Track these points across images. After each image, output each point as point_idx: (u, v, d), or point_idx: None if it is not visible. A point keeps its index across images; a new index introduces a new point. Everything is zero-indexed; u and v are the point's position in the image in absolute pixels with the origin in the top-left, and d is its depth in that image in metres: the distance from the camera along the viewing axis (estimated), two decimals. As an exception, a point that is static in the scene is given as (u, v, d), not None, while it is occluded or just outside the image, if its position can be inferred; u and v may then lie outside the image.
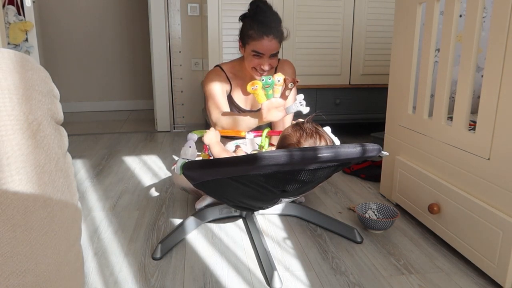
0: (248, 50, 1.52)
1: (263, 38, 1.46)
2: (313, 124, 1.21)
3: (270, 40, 1.47)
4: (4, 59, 0.50)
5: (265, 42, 1.47)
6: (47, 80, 0.56)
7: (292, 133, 1.19)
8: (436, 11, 1.31)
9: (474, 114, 1.49)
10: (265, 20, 1.47)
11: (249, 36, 1.49)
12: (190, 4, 2.85)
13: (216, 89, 1.61)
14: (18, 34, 2.64)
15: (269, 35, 1.46)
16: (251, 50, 1.51)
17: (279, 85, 1.34)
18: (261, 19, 1.47)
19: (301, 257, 1.22)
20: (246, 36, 1.51)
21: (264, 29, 1.46)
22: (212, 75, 1.64)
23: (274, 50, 1.50)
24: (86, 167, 2.12)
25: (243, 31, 1.53)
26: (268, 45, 1.48)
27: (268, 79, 1.31)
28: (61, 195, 0.54)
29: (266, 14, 1.48)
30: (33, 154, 0.50)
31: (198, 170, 1.06)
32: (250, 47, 1.51)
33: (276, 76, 1.33)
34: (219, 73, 1.65)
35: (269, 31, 1.46)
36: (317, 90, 2.55)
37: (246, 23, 1.51)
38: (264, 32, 1.46)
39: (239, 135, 1.48)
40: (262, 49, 1.48)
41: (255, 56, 1.51)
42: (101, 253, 1.24)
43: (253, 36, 1.48)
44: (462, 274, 1.13)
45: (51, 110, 0.55)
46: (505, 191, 1.02)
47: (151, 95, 3.52)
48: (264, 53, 1.49)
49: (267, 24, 1.46)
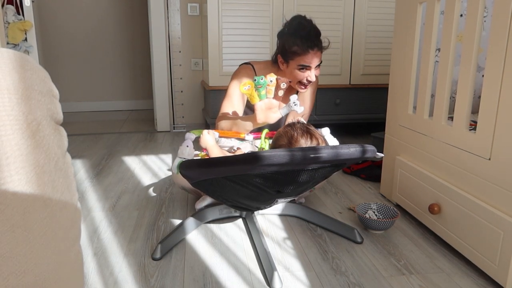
0: (292, 65, 1.55)
1: (308, 52, 1.51)
2: (304, 124, 1.21)
3: (315, 52, 1.52)
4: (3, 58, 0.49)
5: (310, 56, 1.52)
6: (47, 80, 0.56)
7: (283, 134, 1.19)
8: (436, 11, 1.31)
9: (475, 114, 1.49)
10: (308, 35, 1.51)
11: (293, 52, 1.52)
12: (190, 4, 2.84)
13: (236, 91, 1.61)
14: (17, 34, 2.64)
15: (313, 48, 1.51)
16: (296, 65, 1.54)
17: (272, 86, 1.34)
18: (303, 35, 1.51)
19: (301, 257, 1.22)
20: (289, 53, 1.54)
21: (308, 43, 1.50)
22: (242, 72, 1.65)
23: (319, 61, 1.55)
24: (86, 167, 2.11)
25: (284, 47, 1.55)
26: (313, 58, 1.52)
27: (260, 79, 1.31)
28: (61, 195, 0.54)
29: (307, 29, 1.52)
30: (32, 154, 0.49)
31: (195, 169, 1.06)
32: (295, 62, 1.54)
33: (268, 77, 1.33)
34: (249, 72, 1.66)
35: (313, 45, 1.50)
36: (317, 90, 2.55)
37: (288, 40, 1.53)
38: (309, 46, 1.50)
39: (239, 136, 1.49)
40: (309, 62, 1.53)
41: (302, 69, 1.55)
42: (101, 253, 1.23)
43: (298, 52, 1.51)
44: (463, 275, 1.13)
45: (51, 110, 0.55)
46: (506, 191, 1.02)
47: (151, 95, 3.52)
48: (311, 65, 1.54)
49: (310, 38, 1.50)
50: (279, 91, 1.36)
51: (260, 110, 1.35)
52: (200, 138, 1.26)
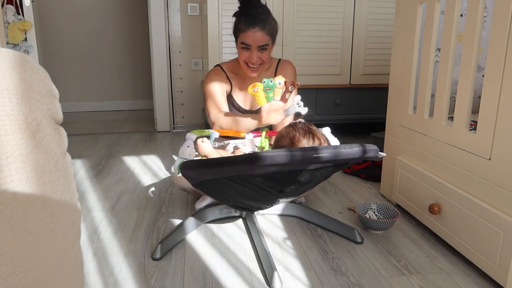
0: (238, 43, 1.56)
1: (249, 29, 1.49)
2: (306, 124, 1.21)
3: (256, 31, 1.49)
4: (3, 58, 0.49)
5: (250, 33, 1.50)
6: (46, 80, 0.56)
7: (285, 134, 1.19)
8: (436, 11, 1.31)
9: (475, 114, 1.49)
10: (252, 12, 1.50)
11: (238, 29, 1.53)
12: (190, 3, 2.84)
13: (215, 88, 1.61)
14: (17, 34, 2.64)
15: (255, 27, 1.49)
16: (240, 42, 1.54)
17: (280, 88, 1.34)
18: (248, 11, 1.51)
19: (301, 257, 1.22)
20: (236, 30, 1.55)
21: (250, 20, 1.49)
22: (212, 74, 1.65)
23: (261, 42, 1.51)
24: (86, 167, 2.11)
25: (234, 25, 1.57)
26: (254, 36, 1.50)
27: (270, 82, 1.31)
28: (61, 195, 0.54)
29: (254, 6, 1.52)
30: (32, 154, 0.49)
31: (196, 170, 1.06)
32: (239, 39, 1.54)
33: (277, 79, 1.33)
34: (219, 73, 1.66)
35: (255, 23, 1.49)
36: (317, 90, 2.55)
37: (237, 17, 1.55)
38: (251, 23, 1.49)
39: (239, 135, 1.49)
40: (248, 40, 1.51)
41: (244, 48, 1.54)
42: (101, 253, 1.23)
43: (241, 29, 1.52)
44: (463, 275, 1.13)
45: (51, 110, 0.54)
46: (506, 191, 1.02)
47: (151, 95, 3.52)
48: (251, 44, 1.51)
49: (254, 15, 1.49)
50: (286, 94, 1.36)
51: (267, 112, 1.35)
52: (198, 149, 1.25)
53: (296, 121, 1.25)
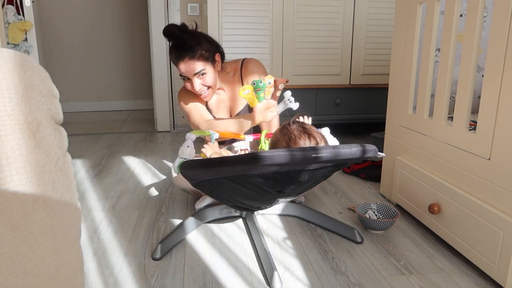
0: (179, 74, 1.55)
1: (179, 62, 1.48)
2: (300, 123, 1.20)
3: (185, 62, 1.47)
4: (4, 59, 0.49)
5: (182, 66, 1.49)
6: (47, 80, 0.56)
7: (281, 138, 1.18)
8: (436, 11, 1.31)
9: (475, 114, 1.49)
10: (177, 44, 1.48)
11: (173, 62, 1.52)
12: (190, 3, 2.84)
13: (193, 102, 1.62)
14: (17, 34, 2.64)
15: (183, 58, 1.47)
16: (179, 74, 1.53)
17: (270, 87, 1.35)
18: (174, 44, 1.49)
19: (301, 257, 1.22)
20: (173, 63, 1.54)
21: (177, 53, 1.48)
22: (184, 91, 1.65)
23: (194, 70, 1.49)
24: (86, 167, 2.11)
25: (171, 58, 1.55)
26: (185, 68, 1.49)
27: (259, 83, 1.33)
28: (61, 195, 0.54)
29: (177, 38, 1.48)
30: (32, 154, 0.50)
31: (195, 170, 1.06)
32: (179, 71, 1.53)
33: (266, 79, 1.34)
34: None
35: (183, 54, 1.47)
36: (317, 90, 2.55)
37: (170, 51, 1.53)
38: (178, 56, 1.48)
39: (238, 137, 1.49)
40: (182, 72, 1.50)
41: (184, 79, 1.54)
42: (101, 253, 1.23)
43: (174, 62, 1.51)
44: (463, 274, 1.13)
45: (51, 110, 0.55)
46: (506, 191, 1.02)
47: (151, 95, 3.52)
48: (187, 75, 1.51)
49: (179, 47, 1.47)
50: (276, 92, 1.37)
51: (259, 112, 1.39)
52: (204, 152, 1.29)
53: (290, 120, 1.24)
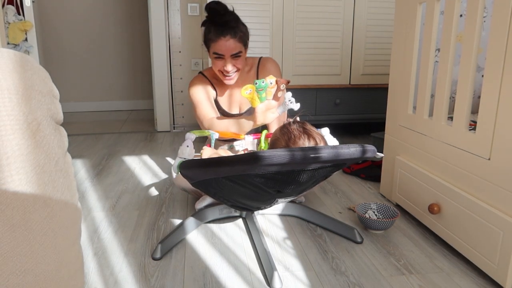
0: (210, 53, 1.55)
1: (220, 38, 1.48)
2: (300, 124, 1.21)
3: (227, 40, 1.48)
4: (4, 59, 0.50)
5: (222, 42, 1.49)
6: (47, 80, 0.56)
7: (280, 137, 1.19)
8: (436, 11, 1.31)
9: (475, 114, 1.50)
10: (220, 21, 1.49)
11: (209, 39, 1.52)
12: (190, 4, 2.84)
13: (202, 95, 1.62)
14: (17, 34, 2.64)
15: (226, 35, 1.48)
16: (212, 53, 1.53)
17: (272, 87, 1.35)
18: (216, 21, 1.49)
19: (301, 257, 1.22)
20: (207, 40, 1.54)
21: (220, 29, 1.48)
22: (196, 82, 1.66)
23: (234, 50, 1.51)
24: (86, 167, 2.11)
25: (204, 35, 1.55)
26: (225, 45, 1.49)
27: (262, 83, 1.33)
28: (61, 195, 0.54)
29: (221, 14, 1.49)
30: (32, 154, 0.50)
31: (195, 170, 1.06)
32: (211, 50, 1.53)
33: (268, 79, 1.34)
34: (203, 80, 1.67)
35: (225, 32, 1.48)
36: (317, 90, 2.55)
37: (206, 28, 1.53)
38: (221, 32, 1.48)
39: (238, 137, 1.49)
40: (221, 49, 1.50)
41: (217, 58, 1.53)
42: (101, 253, 1.24)
43: (212, 39, 1.51)
44: (463, 274, 1.13)
45: (51, 110, 0.55)
46: (506, 191, 1.02)
47: (151, 95, 3.52)
48: (223, 53, 1.51)
49: (222, 24, 1.48)
50: (278, 93, 1.37)
51: (261, 112, 1.37)
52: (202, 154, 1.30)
53: (290, 120, 1.25)
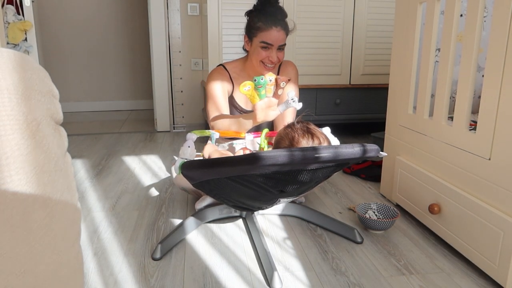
0: (255, 42, 1.54)
1: (271, 28, 1.49)
2: (304, 123, 1.21)
3: (279, 30, 1.50)
4: (3, 58, 0.49)
5: (274, 32, 1.49)
6: (47, 80, 0.56)
7: (284, 136, 1.19)
8: (436, 11, 1.31)
9: (475, 114, 1.49)
10: (273, 11, 1.50)
11: (257, 28, 1.51)
12: (190, 3, 2.84)
13: (217, 89, 1.61)
14: (17, 34, 2.64)
15: (277, 26, 1.49)
16: (259, 41, 1.52)
17: (271, 85, 1.35)
18: (269, 11, 1.50)
19: (301, 257, 1.22)
20: (253, 29, 1.53)
21: (273, 19, 1.49)
22: (215, 74, 1.65)
23: (282, 41, 1.52)
24: (86, 167, 2.11)
25: (250, 25, 1.55)
26: (276, 36, 1.50)
27: (261, 79, 1.32)
28: (61, 195, 0.54)
29: (274, 5, 1.51)
30: (32, 154, 0.49)
31: (196, 170, 1.06)
32: (258, 39, 1.52)
33: (267, 76, 1.34)
34: (222, 73, 1.65)
35: (277, 22, 1.49)
36: (317, 90, 2.55)
37: (253, 17, 1.53)
38: (273, 22, 1.48)
39: (239, 136, 1.49)
40: (271, 39, 1.50)
41: (264, 48, 1.53)
42: (101, 253, 1.23)
43: (261, 28, 1.50)
44: (463, 275, 1.13)
45: (51, 110, 0.54)
46: (506, 191, 1.02)
47: (150, 95, 3.52)
48: (272, 43, 1.51)
49: (275, 15, 1.49)
50: (278, 90, 1.37)
51: (260, 110, 1.36)
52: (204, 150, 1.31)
53: (294, 120, 1.25)
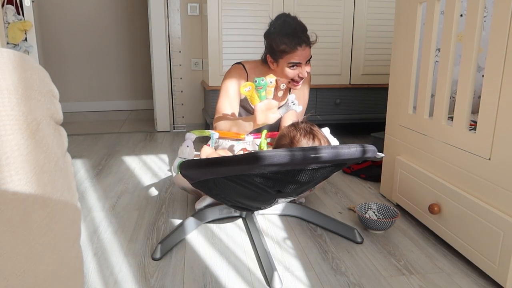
0: (282, 64, 1.54)
1: (297, 49, 1.50)
2: (308, 124, 1.21)
3: (304, 49, 1.51)
4: (3, 58, 0.49)
5: (299, 53, 1.51)
6: (46, 80, 0.56)
7: (286, 134, 1.20)
8: (436, 11, 1.31)
9: (475, 114, 1.49)
10: (294, 32, 1.50)
11: (282, 51, 1.52)
12: (190, 3, 2.84)
13: (232, 88, 1.61)
14: (17, 34, 2.64)
15: (302, 45, 1.50)
16: (287, 63, 1.53)
17: (271, 86, 1.35)
18: (289, 32, 1.50)
19: (301, 257, 1.22)
20: (278, 52, 1.53)
21: (296, 40, 1.49)
22: (234, 72, 1.64)
23: (308, 56, 1.54)
24: (86, 167, 2.11)
25: (272, 47, 1.55)
26: (303, 54, 1.52)
27: (261, 81, 1.32)
28: (61, 195, 0.54)
29: (293, 26, 1.51)
30: (32, 154, 0.49)
31: (195, 170, 1.06)
32: (285, 60, 1.53)
33: (268, 78, 1.34)
34: (241, 72, 1.65)
35: (301, 41, 1.50)
36: (317, 90, 2.55)
37: (275, 39, 1.53)
38: (297, 43, 1.50)
39: (238, 137, 1.49)
40: (299, 59, 1.52)
41: (292, 67, 1.54)
42: (101, 253, 1.23)
43: (286, 50, 1.51)
44: (463, 275, 1.13)
45: (51, 110, 0.54)
46: (506, 191, 1.02)
47: (151, 95, 3.52)
48: (301, 61, 1.53)
49: (297, 35, 1.50)
50: (278, 92, 1.37)
51: (261, 111, 1.36)
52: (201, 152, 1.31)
53: (299, 120, 1.26)
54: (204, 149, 1.38)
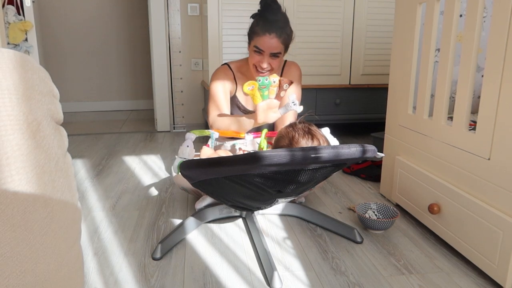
0: (251, 45, 1.54)
1: (265, 34, 1.48)
2: (306, 124, 1.21)
3: (272, 38, 1.48)
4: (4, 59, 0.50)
5: (266, 39, 1.48)
6: (47, 80, 0.56)
7: (284, 134, 1.20)
8: (436, 11, 1.31)
9: (474, 114, 1.50)
10: (271, 17, 1.49)
11: (254, 31, 1.52)
12: (190, 4, 2.84)
13: (219, 89, 1.62)
14: (17, 34, 2.64)
15: (271, 33, 1.48)
16: (253, 45, 1.52)
17: (274, 86, 1.35)
18: (267, 16, 1.49)
19: (301, 257, 1.22)
20: (251, 32, 1.53)
21: (268, 26, 1.48)
22: (219, 73, 1.65)
23: (275, 49, 1.50)
24: (86, 167, 2.11)
25: (250, 27, 1.55)
26: (268, 42, 1.48)
27: (265, 80, 1.32)
28: (61, 195, 0.54)
29: (274, 12, 1.50)
30: (32, 154, 0.50)
31: (195, 169, 1.06)
32: (253, 42, 1.53)
33: (271, 77, 1.34)
34: (227, 72, 1.66)
35: (272, 29, 1.47)
36: (317, 90, 2.55)
37: (255, 20, 1.53)
38: (267, 29, 1.47)
39: (238, 136, 1.49)
40: (262, 45, 1.49)
41: (256, 52, 1.53)
42: (101, 253, 1.24)
43: (257, 32, 1.50)
44: (462, 274, 1.13)
45: (51, 110, 0.55)
46: (506, 191, 1.02)
47: (151, 95, 3.52)
48: (264, 50, 1.50)
49: (272, 22, 1.48)
50: (281, 92, 1.37)
51: (262, 111, 1.36)
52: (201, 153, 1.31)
53: (296, 121, 1.26)
54: (204, 150, 1.38)
